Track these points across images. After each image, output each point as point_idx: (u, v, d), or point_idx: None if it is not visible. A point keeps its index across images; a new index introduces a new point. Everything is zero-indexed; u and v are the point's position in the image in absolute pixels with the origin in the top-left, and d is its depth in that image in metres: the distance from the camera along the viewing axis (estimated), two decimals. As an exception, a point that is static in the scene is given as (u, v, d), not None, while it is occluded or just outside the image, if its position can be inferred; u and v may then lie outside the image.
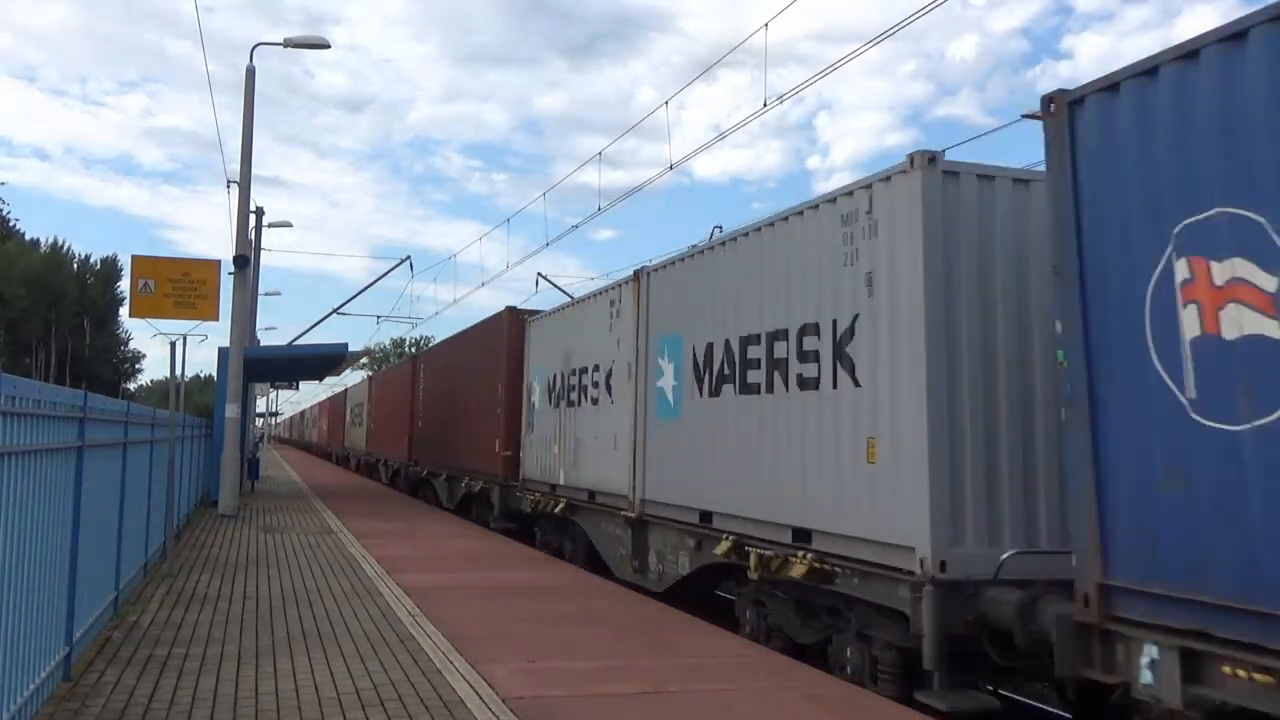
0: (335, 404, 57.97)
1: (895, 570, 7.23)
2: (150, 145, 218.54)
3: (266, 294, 42.73)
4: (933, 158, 7.38)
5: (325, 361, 28.80)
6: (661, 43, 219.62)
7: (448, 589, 10.91)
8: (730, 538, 9.54)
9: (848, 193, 8.24)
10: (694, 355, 10.94)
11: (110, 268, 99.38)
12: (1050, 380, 6.98)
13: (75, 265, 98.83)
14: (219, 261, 16.73)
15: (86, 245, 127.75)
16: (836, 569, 7.94)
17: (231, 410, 19.82)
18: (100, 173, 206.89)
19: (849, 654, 7.91)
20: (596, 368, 14.29)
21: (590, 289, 15.13)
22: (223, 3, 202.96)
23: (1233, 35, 5.03)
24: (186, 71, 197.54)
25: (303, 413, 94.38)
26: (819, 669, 7.73)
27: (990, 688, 7.20)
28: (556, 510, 15.29)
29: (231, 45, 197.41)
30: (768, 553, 8.75)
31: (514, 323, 18.76)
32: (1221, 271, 5.05)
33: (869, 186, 7.96)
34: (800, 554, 8.35)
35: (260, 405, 64.84)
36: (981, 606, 6.68)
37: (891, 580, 7.27)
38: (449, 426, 23.64)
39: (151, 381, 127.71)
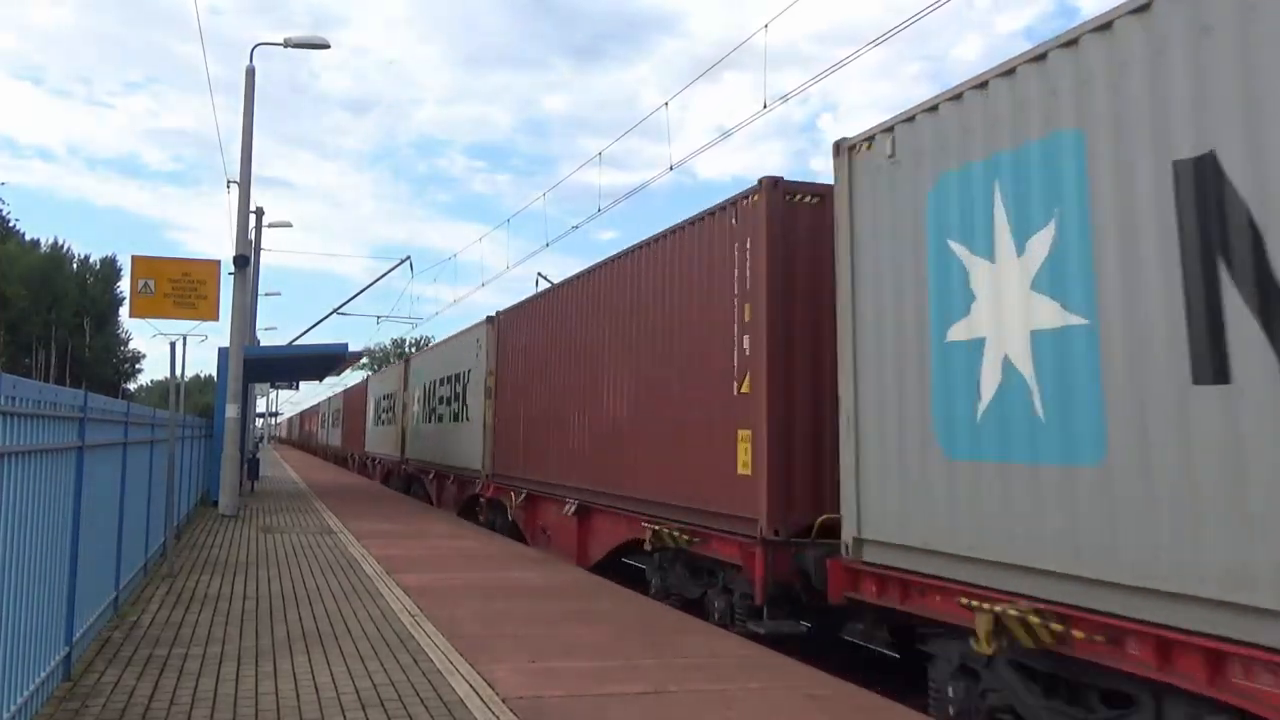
0: (381, 388, 37.50)
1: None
2: (154, 146, 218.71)
3: (266, 294, 42.80)
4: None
5: (325, 361, 28.81)
6: (666, 44, 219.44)
7: (448, 589, 10.91)
8: None
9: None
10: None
11: (110, 268, 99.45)
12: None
13: (75, 265, 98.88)
14: (219, 261, 16.71)
15: (91, 246, 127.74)
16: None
17: (231, 410, 19.83)
18: (104, 173, 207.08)
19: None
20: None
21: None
22: (229, 4, 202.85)
23: None
24: (191, 73, 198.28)
25: (317, 407, 75.03)
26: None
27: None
28: None
29: (236, 47, 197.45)
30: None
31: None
32: None
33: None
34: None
35: (260, 405, 64.90)
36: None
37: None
38: None
39: (151, 381, 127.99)
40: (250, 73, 20.72)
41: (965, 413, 6.68)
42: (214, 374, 25.94)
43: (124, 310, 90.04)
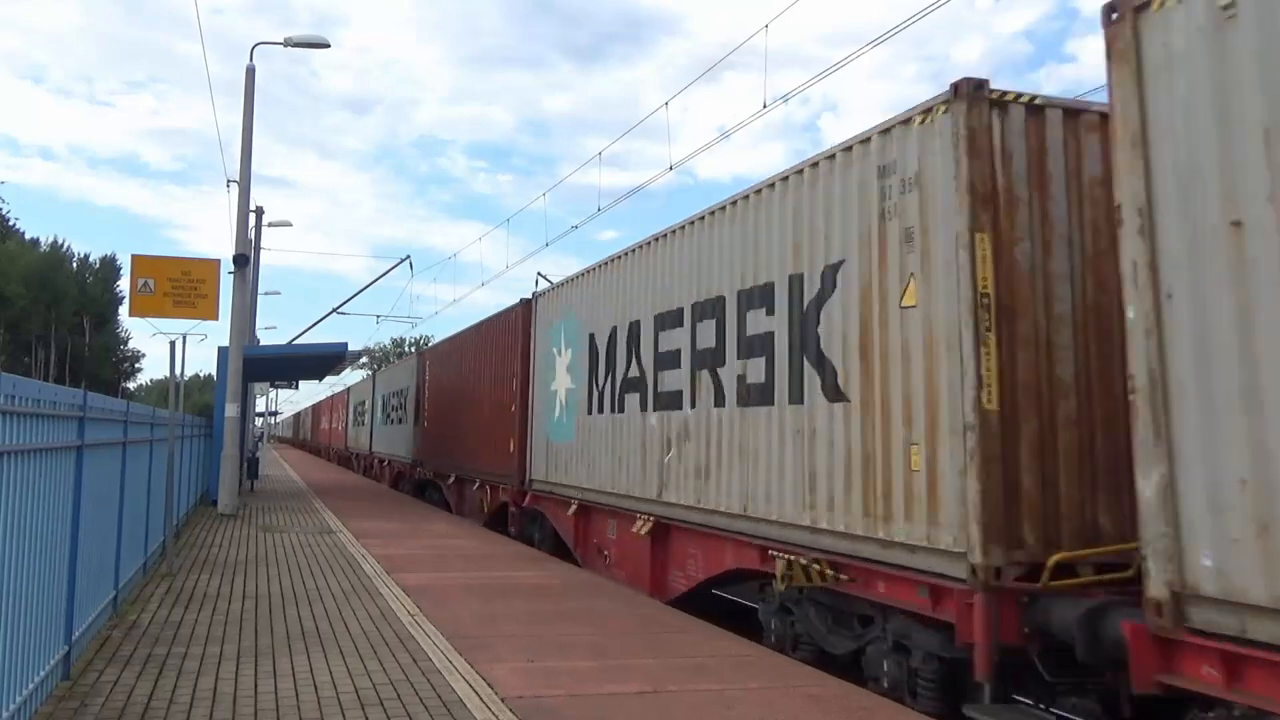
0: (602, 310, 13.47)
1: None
2: (155, 145, 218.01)
3: (266, 293, 42.82)
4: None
5: (325, 361, 28.81)
6: (668, 44, 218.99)
7: (447, 588, 10.91)
8: None
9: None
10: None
11: (110, 267, 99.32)
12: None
13: (75, 264, 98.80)
14: (218, 261, 16.71)
15: (91, 245, 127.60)
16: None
17: (231, 409, 19.83)
18: (105, 173, 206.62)
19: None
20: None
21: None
22: (230, 4, 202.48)
23: None
24: (192, 72, 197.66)
25: (347, 392, 50.62)
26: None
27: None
28: None
29: (237, 46, 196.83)
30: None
31: None
32: None
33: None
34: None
35: (260, 404, 64.84)
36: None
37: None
38: None
39: (151, 381, 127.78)
40: (250, 72, 20.73)
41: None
42: (213, 373, 25.96)
43: (124, 309, 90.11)
